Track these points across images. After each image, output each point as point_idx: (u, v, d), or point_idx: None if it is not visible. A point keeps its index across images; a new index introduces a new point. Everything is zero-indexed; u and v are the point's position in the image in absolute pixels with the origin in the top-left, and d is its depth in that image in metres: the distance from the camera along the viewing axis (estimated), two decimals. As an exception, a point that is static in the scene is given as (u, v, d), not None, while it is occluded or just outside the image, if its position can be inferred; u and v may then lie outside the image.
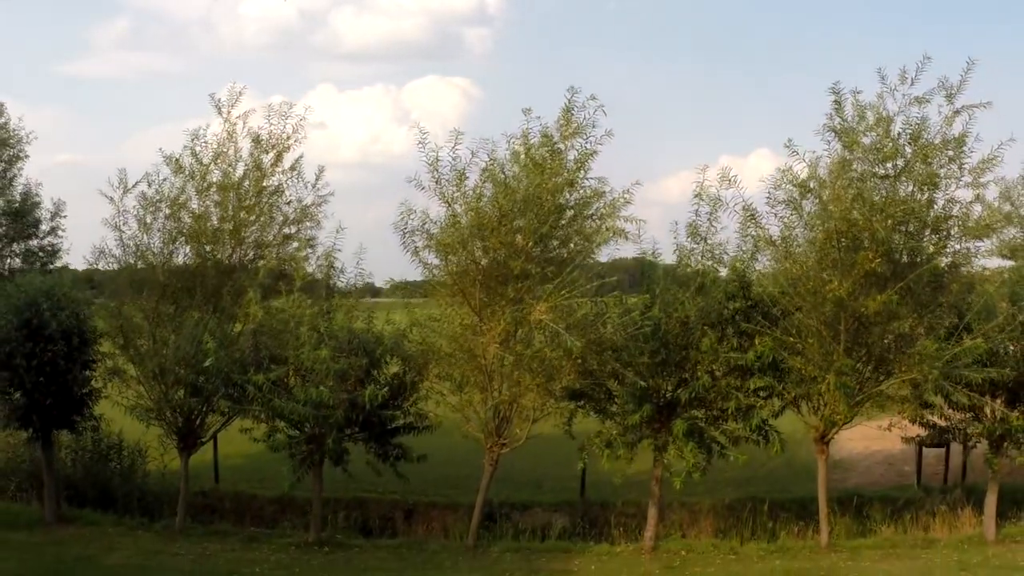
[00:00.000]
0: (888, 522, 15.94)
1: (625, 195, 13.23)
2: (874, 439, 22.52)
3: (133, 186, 15.62)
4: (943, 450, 18.76)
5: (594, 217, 13.56)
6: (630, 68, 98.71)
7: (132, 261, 15.72)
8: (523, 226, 12.80)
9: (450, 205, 13.15)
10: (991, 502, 15.14)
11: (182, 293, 16.01)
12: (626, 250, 14.32)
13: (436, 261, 13.59)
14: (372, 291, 18.05)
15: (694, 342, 13.58)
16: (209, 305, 15.79)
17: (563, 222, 13.49)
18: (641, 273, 14.31)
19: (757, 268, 13.94)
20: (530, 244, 12.74)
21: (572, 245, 13.58)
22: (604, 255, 14.02)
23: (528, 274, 12.79)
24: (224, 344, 14.26)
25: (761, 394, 14.12)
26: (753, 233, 13.45)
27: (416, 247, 13.91)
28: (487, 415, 14.22)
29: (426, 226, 13.30)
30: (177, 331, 14.84)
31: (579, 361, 13.11)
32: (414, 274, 14.44)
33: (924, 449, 19.02)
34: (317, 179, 16.50)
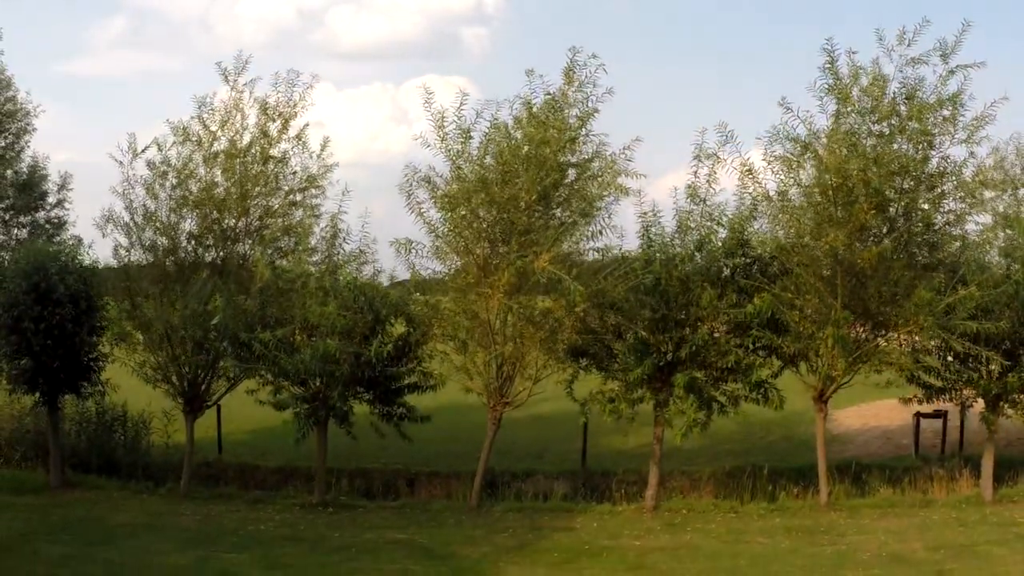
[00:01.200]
0: (886, 486, 16.09)
1: (626, 151, 13.50)
2: (871, 416, 22.85)
3: (142, 151, 15.85)
4: (939, 421, 18.97)
5: (595, 177, 13.76)
6: (629, 68, 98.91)
7: (139, 226, 15.89)
8: (526, 181, 13.03)
9: (454, 160, 13.40)
10: (988, 462, 15.33)
11: (188, 260, 16.25)
12: (626, 214, 14.55)
13: (439, 217, 13.78)
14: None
15: (694, 299, 13.79)
16: (215, 272, 15.98)
17: (566, 181, 13.73)
18: (642, 234, 14.50)
19: (755, 227, 14.16)
20: (533, 198, 12.97)
21: (574, 205, 13.78)
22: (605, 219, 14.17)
23: (531, 228, 13.02)
24: (231, 302, 14.44)
25: (760, 353, 14.33)
26: (751, 190, 13.70)
27: (420, 209, 14.15)
28: (490, 374, 14.40)
29: (431, 181, 13.54)
30: (184, 291, 15.03)
31: (581, 315, 13.31)
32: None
33: (921, 422, 19.28)
34: (323, 149, 16.76)
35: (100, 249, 17.16)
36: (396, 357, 14.64)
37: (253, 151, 16.25)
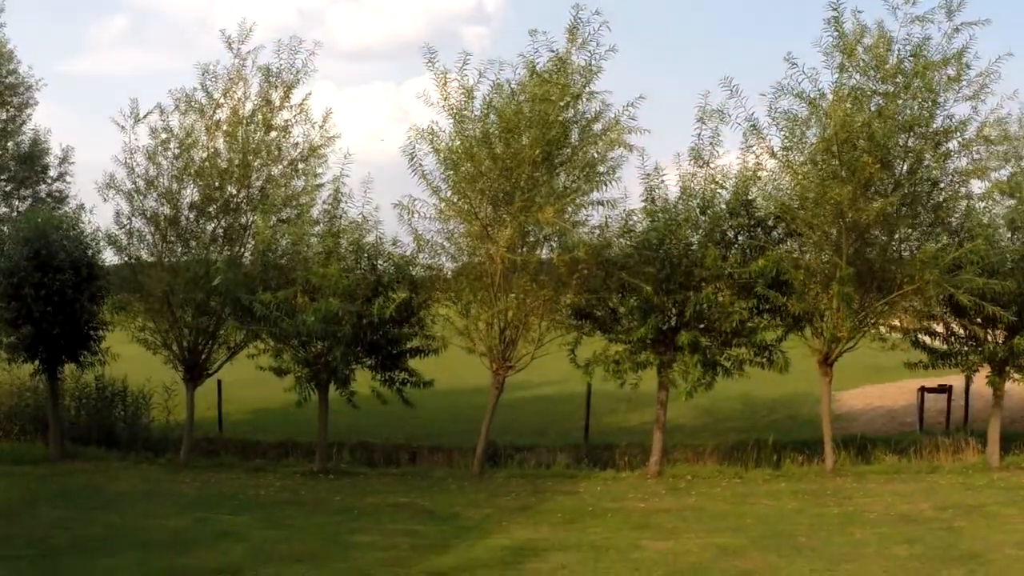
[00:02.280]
0: (892, 454, 15.96)
1: (629, 108, 13.41)
2: (875, 397, 22.83)
3: (144, 116, 15.81)
4: (944, 398, 18.84)
5: (599, 137, 13.67)
6: (628, 65, 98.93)
7: (141, 192, 15.84)
8: (529, 138, 12.95)
9: (457, 118, 13.32)
10: (994, 429, 15.20)
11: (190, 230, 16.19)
12: (630, 178, 14.47)
13: (442, 176, 13.69)
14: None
15: (697, 260, 13.69)
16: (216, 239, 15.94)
17: (570, 141, 13.66)
18: (646, 196, 14.39)
19: (759, 187, 14.04)
20: (536, 153, 12.88)
21: (577, 164, 13.68)
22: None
23: (534, 186, 12.94)
24: (232, 264, 14.36)
25: (765, 316, 14.21)
26: (755, 148, 13.60)
27: (423, 171, 14.08)
28: (492, 336, 14.29)
29: (434, 136, 13.46)
30: (186, 253, 14.96)
31: (584, 273, 13.22)
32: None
33: (926, 400, 19.17)
34: (325, 120, 16.71)
35: (101, 216, 17.16)
36: (399, 320, 14.51)
37: (256, 119, 16.21)
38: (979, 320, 14.39)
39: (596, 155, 13.90)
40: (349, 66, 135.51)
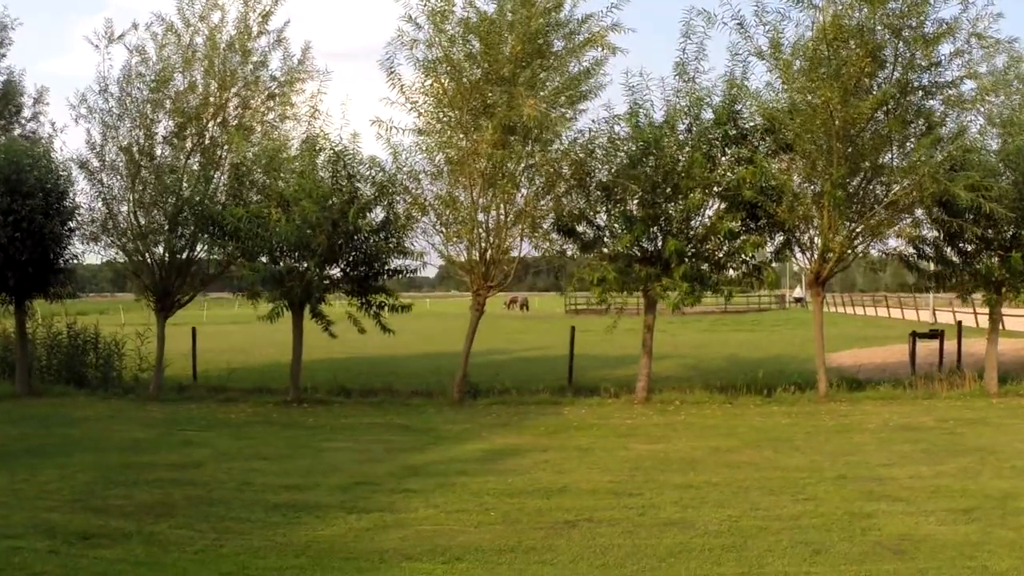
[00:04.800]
0: (887, 385, 15.41)
1: (613, 10, 12.96)
2: (865, 357, 22.41)
3: (119, 37, 15.37)
4: (936, 348, 18.33)
5: (582, 47, 13.23)
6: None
7: (116, 115, 15.37)
8: (512, 38, 12.51)
9: (437, 21, 12.86)
10: (991, 355, 14.72)
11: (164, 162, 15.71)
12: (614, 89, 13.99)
13: (421, 86, 13.21)
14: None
15: (683, 170, 13.19)
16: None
17: (553, 50, 13.24)
18: (629, 97, 13.84)
19: (746, 97, 13.53)
20: (519, 49, 12.42)
21: (558, 70, 13.23)
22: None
23: (516, 79, 12.45)
24: (204, 176, 13.84)
25: (753, 234, 13.73)
26: (744, 48, 13.11)
27: (401, 83, 13.62)
28: (472, 258, 13.80)
29: (414, 49, 13.00)
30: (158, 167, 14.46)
31: (568, 178, 12.73)
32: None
33: (917, 345, 18.66)
34: (304, 53, 16.33)
35: (72, 140, 16.64)
36: (376, 231, 13.92)
37: (234, 46, 15.78)
38: (973, 240, 13.97)
39: (580, 66, 13.43)
40: (337, 64, 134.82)
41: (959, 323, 18.54)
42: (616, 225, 13.47)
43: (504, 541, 6.81)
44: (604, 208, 13.69)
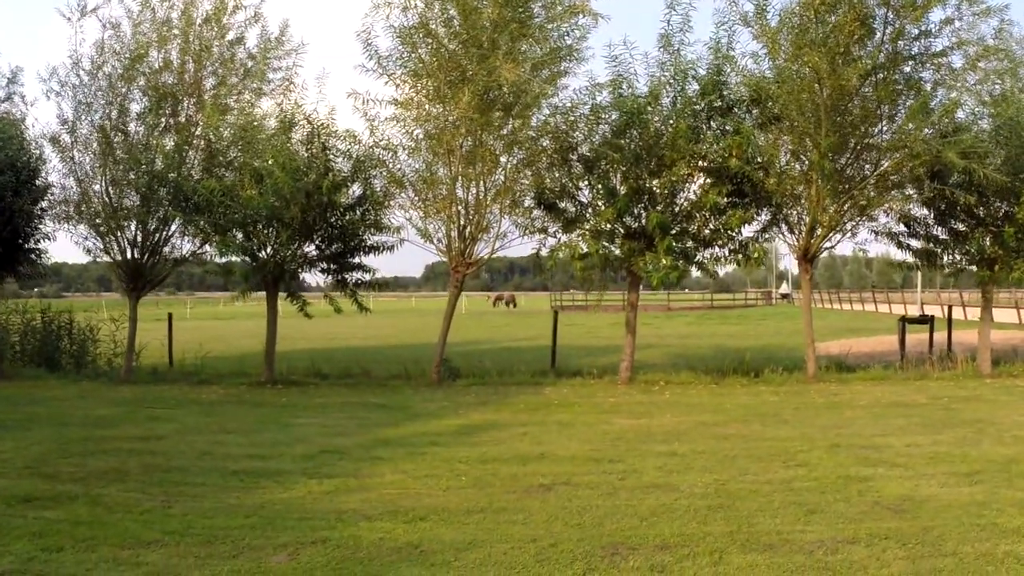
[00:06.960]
0: (878, 367, 15.07)
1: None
2: (854, 347, 21.94)
3: (93, 10, 14.89)
4: (925, 334, 17.98)
5: (562, 16, 12.81)
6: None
7: (88, 89, 14.88)
8: (489, 4, 12.09)
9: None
10: (985, 335, 14.38)
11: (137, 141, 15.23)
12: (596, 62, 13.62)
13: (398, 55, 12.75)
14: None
15: (667, 143, 12.78)
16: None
17: (533, 21, 12.82)
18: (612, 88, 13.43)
19: (733, 67, 13.13)
20: (496, 13, 11.97)
21: (539, 39, 12.81)
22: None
23: (495, 45, 12.02)
24: (178, 149, 13.37)
25: (740, 209, 13.34)
26: (730, 15, 12.71)
27: (379, 55, 13.17)
28: (451, 235, 13.37)
29: (389, 17, 12.54)
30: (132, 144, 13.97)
31: (553, 142, 12.30)
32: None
33: (907, 333, 18.30)
34: (282, 33, 15.87)
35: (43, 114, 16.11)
36: (352, 206, 13.48)
37: (210, 22, 15.32)
38: (964, 217, 13.65)
39: (561, 31, 13.00)
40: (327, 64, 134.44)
41: (949, 307, 18.20)
42: (599, 201, 13.05)
43: (474, 503, 6.40)
44: (587, 182, 13.27)
